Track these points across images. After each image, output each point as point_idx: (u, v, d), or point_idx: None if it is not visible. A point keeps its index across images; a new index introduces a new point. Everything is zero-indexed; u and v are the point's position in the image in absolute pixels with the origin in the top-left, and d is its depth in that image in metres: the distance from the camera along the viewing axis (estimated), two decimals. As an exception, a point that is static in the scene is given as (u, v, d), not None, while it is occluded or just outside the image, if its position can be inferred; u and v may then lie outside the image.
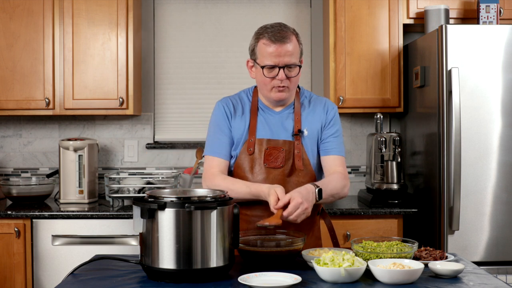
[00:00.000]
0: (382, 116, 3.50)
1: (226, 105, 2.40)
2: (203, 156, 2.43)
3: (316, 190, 2.16)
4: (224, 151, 2.34)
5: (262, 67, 2.26)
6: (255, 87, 2.43)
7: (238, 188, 2.23)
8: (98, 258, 2.11)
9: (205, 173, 2.35)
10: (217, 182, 2.28)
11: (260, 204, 2.27)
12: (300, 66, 2.29)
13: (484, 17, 3.37)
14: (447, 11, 3.43)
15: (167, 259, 1.83)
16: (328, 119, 2.38)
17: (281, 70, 2.24)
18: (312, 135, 2.35)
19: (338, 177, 2.31)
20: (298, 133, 2.32)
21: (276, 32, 2.24)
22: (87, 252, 3.16)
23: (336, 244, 2.42)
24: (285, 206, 2.09)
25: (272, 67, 2.25)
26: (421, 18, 3.54)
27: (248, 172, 2.31)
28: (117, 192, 3.52)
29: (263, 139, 2.32)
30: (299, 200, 2.07)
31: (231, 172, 2.37)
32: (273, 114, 2.37)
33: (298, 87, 2.43)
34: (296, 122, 2.34)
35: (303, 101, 2.40)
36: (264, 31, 2.27)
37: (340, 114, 3.82)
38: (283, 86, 2.27)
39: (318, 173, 2.38)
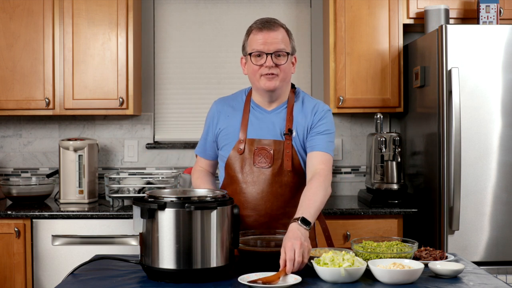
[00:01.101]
0: (382, 116, 3.50)
1: (217, 106, 2.44)
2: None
3: (300, 222, 2.01)
4: (205, 152, 2.48)
5: (250, 54, 2.28)
6: (251, 88, 2.42)
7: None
8: (98, 258, 2.11)
9: (194, 166, 2.56)
10: (193, 179, 2.51)
11: (249, 203, 2.30)
12: (288, 53, 2.28)
13: (484, 17, 3.37)
14: (447, 11, 3.43)
15: (167, 259, 1.83)
16: (316, 120, 2.33)
17: (269, 57, 2.25)
18: (299, 136, 2.33)
19: (317, 186, 2.18)
20: (288, 133, 2.31)
21: (264, 22, 2.29)
22: (87, 252, 3.16)
23: (330, 245, 2.42)
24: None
25: (260, 54, 2.26)
26: (421, 18, 3.54)
27: (239, 172, 2.31)
28: (117, 192, 3.52)
29: (253, 139, 2.31)
30: (289, 244, 1.90)
31: (225, 173, 2.38)
32: (264, 113, 2.35)
33: (294, 87, 2.43)
34: (288, 121, 2.32)
35: (296, 101, 2.39)
36: (252, 24, 2.32)
37: (340, 114, 3.84)
38: (271, 74, 2.26)
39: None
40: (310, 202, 2.12)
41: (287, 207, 2.31)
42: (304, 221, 2.03)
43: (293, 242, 1.91)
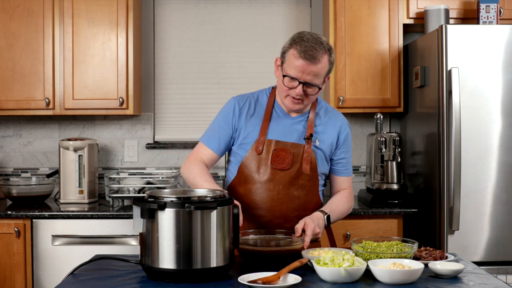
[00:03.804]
0: (382, 116, 3.50)
1: (238, 103, 2.38)
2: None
3: (325, 217, 2.27)
4: (217, 145, 2.38)
5: (284, 76, 2.25)
6: (273, 88, 2.42)
7: (199, 185, 2.28)
8: (98, 258, 2.11)
9: (191, 154, 2.42)
10: (192, 168, 2.34)
11: (264, 204, 2.30)
12: (320, 88, 2.25)
13: (484, 17, 3.37)
14: (447, 11, 3.43)
15: (167, 259, 1.83)
16: (341, 140, 2.40)
17: (300, 86, 2.22)
18: (323, 148, 2.36)
19: (345, 200, 2.43)
20: (309, 137, 2.32)
21: (309, 49, 2.19)
22: (87, 252, 3.16)
23: (333, 245, 2.43)
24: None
25: (293, 79, 2.23)
26: (421, 18, 3.54)
27: (255, 172, 2.31)
28: (117, 192, 3.52)
29: (272, 140, 2.31)
30: (312, 225, 2.17)
31: (238, 172, 2.36)
32: (286, 118, 2.36)
33: None
34: (309, 128, 2.34)
35: (318, 111, 2.39)
36: (299, 41, 2.22)
37: (340, 114, 3.84)
38: (298, 99, 2.26)
39: (321, 180, 2.40)
40: (338, 208, 2.38)
41: (301, 210, 2.32)
42: (328, 219, 2.28)
43: (316, 228, 2.17)
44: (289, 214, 2.30)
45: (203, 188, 2.21)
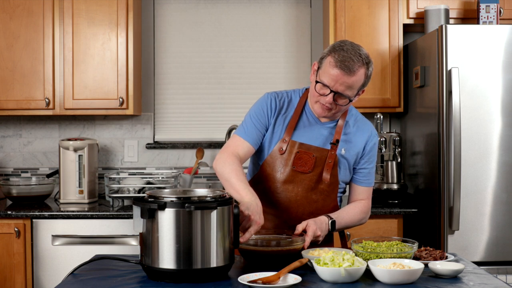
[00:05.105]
0: (382, 116, 3.50)
1: (275, 100, 2.35)
2: (230, 136, 2.40)
3: (330, 222, 2.24)
4: (254, 138, 2.30)
5: (317, 82, 2.22)
6: (306, 89, 2.39)
7: (231, 183, 2.17)
8: (98, 258, 2.11)
9: (227, 147, 2.31)
10: (228, 164, 2.22)
11: (282, 204, 2.30)
12: (351, 100, 2.22)
13: (484, 17, 3.38)
14: (447, 11, 3.43)
15: (167, 259, 1.83)
16: (367, 150, 2.36)
17: (331, 94, 2.19)
18: (349, 157, 2.33)
19: (358, 210, 2.37)
20: (336, 143, 2.29)
21: (346, 59, 2.15)
22: (87, 252, 3.16)
23: (344, 245, 2.43)
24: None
25: (325, 86, 2.19)
26: (421, 18, 3.55)
27: (277, 171, 2.30)
28: (117, 192, 3.52)
29: (296, 141, 2.29)
30: (314, 227, 2.15)
31: (259, 169, 2.35)
32: (315, 123, 2.33)
33: None
34: (336, 133, 2.31)
35: (348, 120, 2.36)
36: (338, 49, 2.19)
37: (340, 114, 3.84)
38: (327, 106, 2.23)
39: (341, 187, 2.38)
40: (347, 217, 2.33)
41: (317, 214, 2.30)
42: (333, 225, 2.24)
43: (317, 230, 2.15)
44: (304, 217, 2.28)
45: (236, 187, 2.15)
